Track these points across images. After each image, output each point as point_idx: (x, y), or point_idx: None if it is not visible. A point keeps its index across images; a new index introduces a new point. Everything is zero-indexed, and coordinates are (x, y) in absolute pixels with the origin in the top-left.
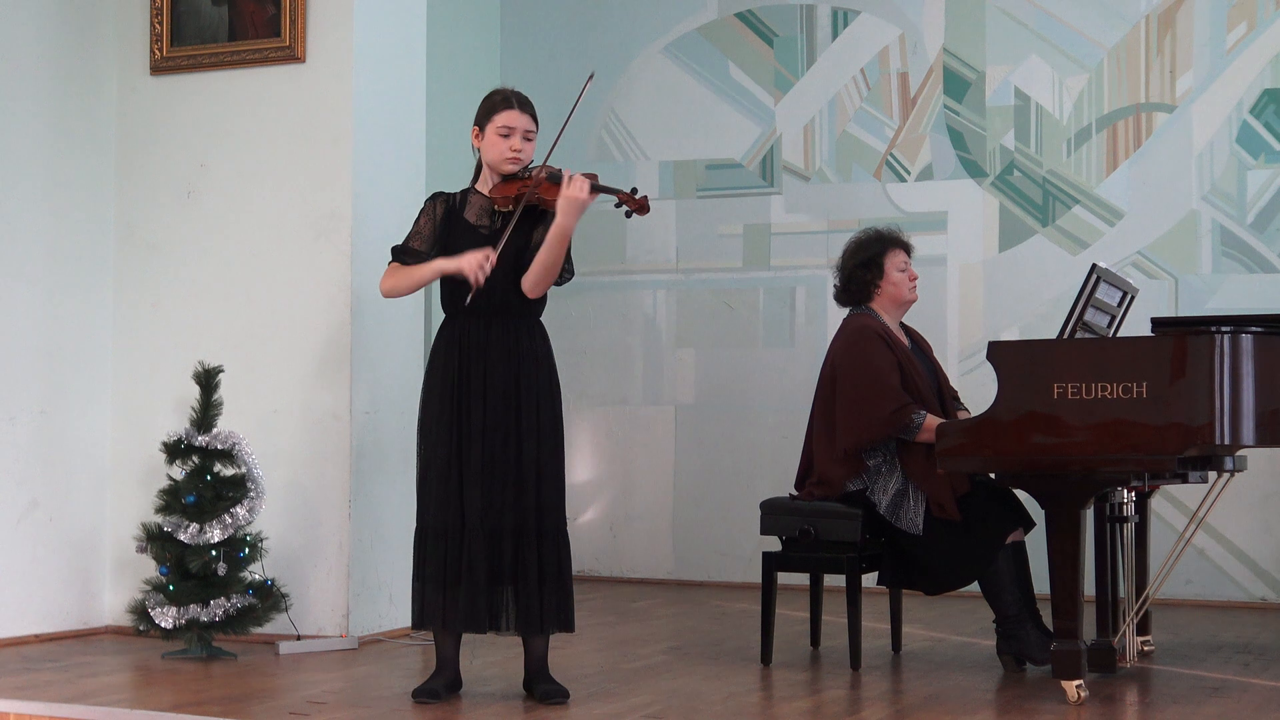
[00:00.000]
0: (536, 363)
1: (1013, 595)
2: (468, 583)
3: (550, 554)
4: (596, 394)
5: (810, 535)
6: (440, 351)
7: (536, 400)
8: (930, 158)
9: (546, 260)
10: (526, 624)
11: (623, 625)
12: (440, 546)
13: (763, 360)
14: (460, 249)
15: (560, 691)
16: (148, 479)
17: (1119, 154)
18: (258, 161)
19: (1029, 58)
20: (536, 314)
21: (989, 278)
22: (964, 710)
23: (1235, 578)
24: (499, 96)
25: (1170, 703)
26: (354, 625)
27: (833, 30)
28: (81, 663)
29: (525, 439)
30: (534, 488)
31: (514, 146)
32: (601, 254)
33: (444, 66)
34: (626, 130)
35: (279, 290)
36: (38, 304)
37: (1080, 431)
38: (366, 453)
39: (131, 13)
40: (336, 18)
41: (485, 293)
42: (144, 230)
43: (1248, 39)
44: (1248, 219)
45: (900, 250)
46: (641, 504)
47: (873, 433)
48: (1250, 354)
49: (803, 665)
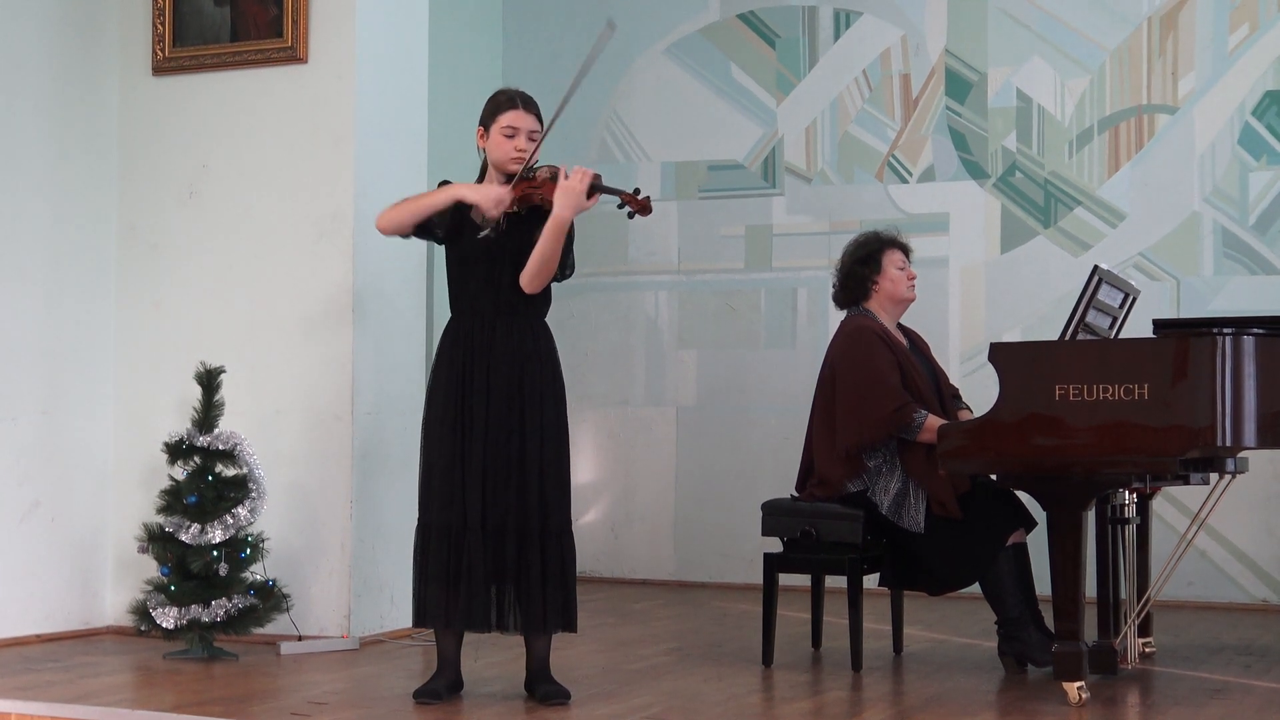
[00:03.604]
0: (541, 363)
1: (1014, 597)
2: (468, 581)
3: (554, 554)
4: (598, 395)
5: (811, 536)
6: (445, 350)
7: (541, 400)
8: (932, 159)
9: (544, 253)
10: (529, 624)
11: (624, 626)
12: (443, 545)
13: (764, 361)
14: (465, 245)
15: (561, 692)
16: (149, 479)
17: (1121, 155)
18: (260, 162)
19: (1031, 59)
20: (541, 314)
21: (990, 279)
22: (965, 712)
23: (1237, 579)
24: (504, 96)
25: (1171, 704)
26: (355, 626)
27: (834, 31)
28: (83, 663)
29: (529, 439)
30: (538, 488)
31: (519, 146)
32: (603, 255)
33: (446, 67)
34: (628, 131)
35: (281, 291)
36: (39, 304)
37: (1082, 433)
38: (368, 453)
39: (134, 13)
40: (339, 18)
41: (491, 291)
42: (146, 230)
43: (1250, 40)
44: (1249, 220)
45: (898, 250)
46: (643, 505)
47: (873, 432)
48: (1252, 355)
49: (804, 666)
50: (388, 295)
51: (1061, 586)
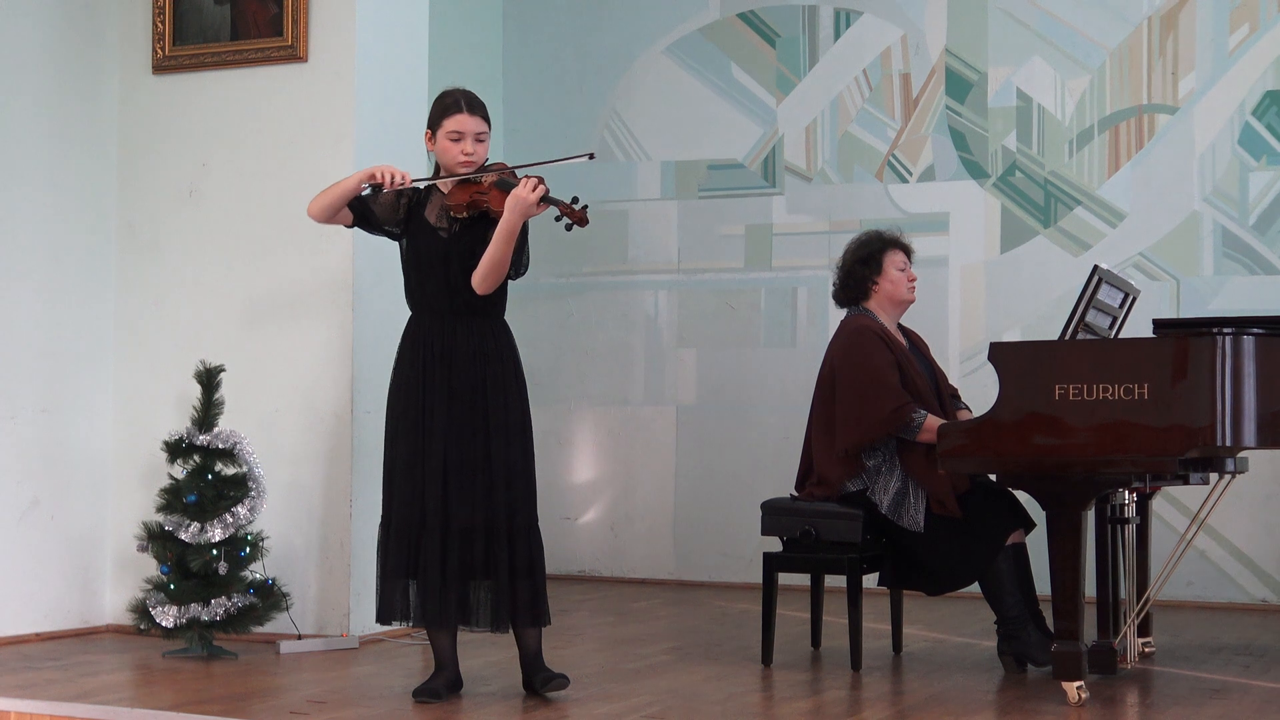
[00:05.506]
0: (502, 362)
1: (1014, 596)
2: (428, 578)
3: (522, 550)
4: (598, 394)
5: (811, 536)
6: (405, 350)
7: (505, 399)
8: (932, 159)
9: (494, 257)
10: (497, 619)
11: (623, 625)
12: (403, 542)
13: (764, 361)
14: (421, 245)
15: (560, 677)
16: (149, 478)
17: (1121, 155)
18: (259, 161)
19: (1031, 59)
20: (499, 313)
21: (990, 279)
22: (965, 711)
23: (1236, 579)
24: (449, 100)
25: (1171, 704)
26: (355, 625)
27: (835, 31)
28: (82, 661)
29: (494, 438)
30: (504, 486)
31: (465, 150)
32: (603, 254)
33: (446, 66)
34: (628, 130)
35: (280, 289)
36: (39, 303)
37: (1081, 433)
38: (368, 452)
39: (134, 12)
40: (339, 17)
41: (448, 292)
42: (146, 229)
43: (1250, 40)
44: (1249, 220)
45: (900, 251)
46: (642, 504)
47: (873, 432)
48: (1252, 355)
49: (803, 666)
50: (388, 295)
51: (1061, 586)
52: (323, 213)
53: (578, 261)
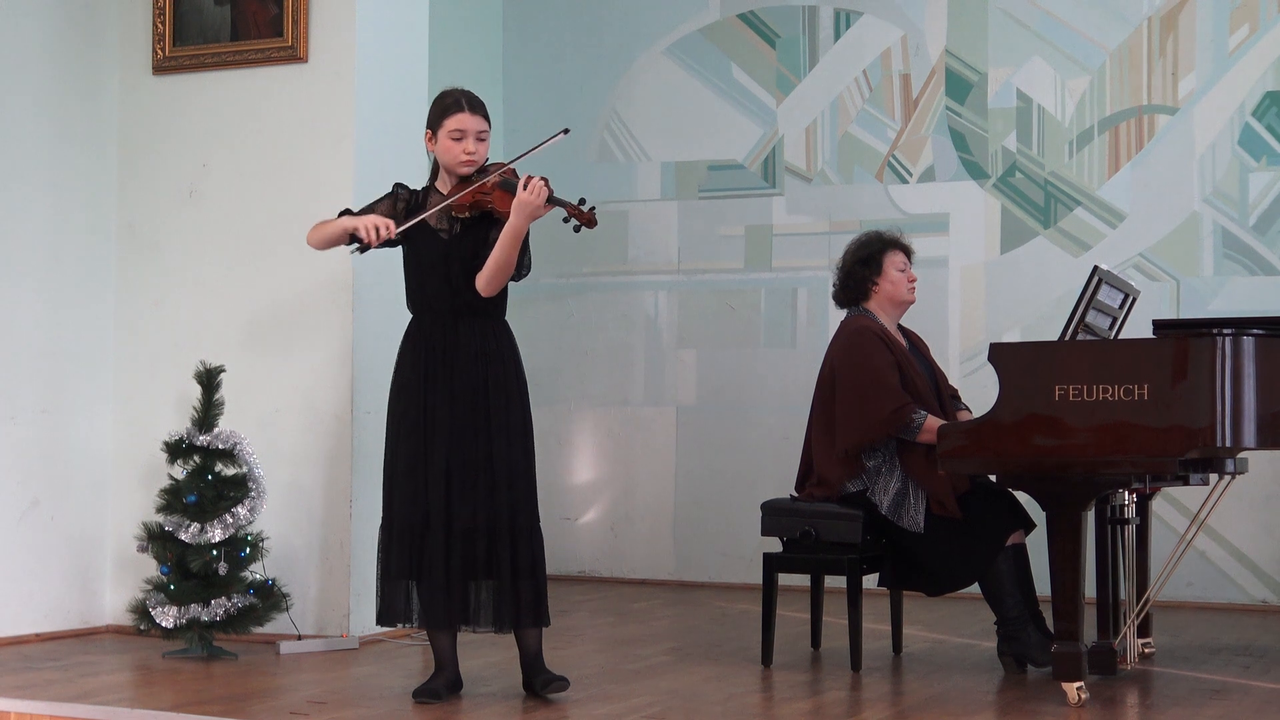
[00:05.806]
0: (504, 363)
1: (1014, 597)
2: (430, 579)
3: (524, 551)
4: (598, 394)
5: (811, 536)
6: (406, 351)
7: (506, 400)
8: (932, 159)
9: (499, 260)
10: (499, 620)
11: (623, 626)
12: (404, 543)
13: (764, 361)
14: (422, 247)
15: (560, 679)
16: (149, 478)
17: (1121, 156)
18: (260, 161)
19: (1031, 59)
20: (501, 314)
21: (990, 279)
22: (965, 712)
23: (1236, 580)
24: (449, 99)
25: (1171, 705)
26: (355, 625)
27: (835, 31)
28: (82, 662)
29: (495, 439)
30: (506, 486)
31: (467, 149)
32: (603, 255)
33: (446, 67)
34: (628, 131)
35: (281, 290)
36: (39, 303)
37: (1081, 433)
38: (368, 452)
39: (134, 12)
40: (339, 18)
41: (449, 293)
42: (146, 229)
43: (1250, 41)
44: (1249, 221)
45: (900, 252)
46: (642, 504)
47: (873, 432)
48: (1252, 356)
49: (803, 666)
50: (388, 295)
51: (1061, 587)
52: (319, 246)
53: (578, 262)
